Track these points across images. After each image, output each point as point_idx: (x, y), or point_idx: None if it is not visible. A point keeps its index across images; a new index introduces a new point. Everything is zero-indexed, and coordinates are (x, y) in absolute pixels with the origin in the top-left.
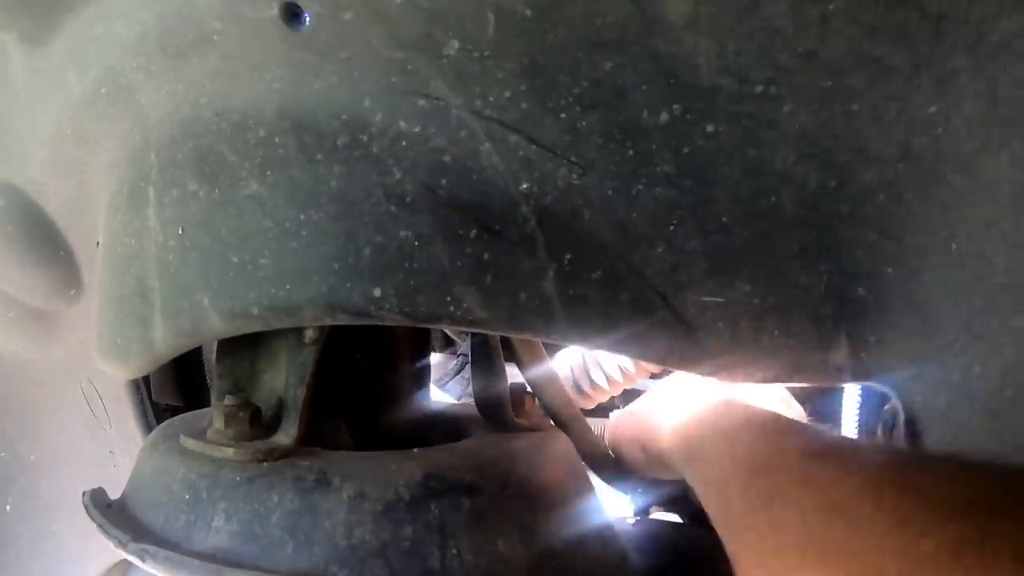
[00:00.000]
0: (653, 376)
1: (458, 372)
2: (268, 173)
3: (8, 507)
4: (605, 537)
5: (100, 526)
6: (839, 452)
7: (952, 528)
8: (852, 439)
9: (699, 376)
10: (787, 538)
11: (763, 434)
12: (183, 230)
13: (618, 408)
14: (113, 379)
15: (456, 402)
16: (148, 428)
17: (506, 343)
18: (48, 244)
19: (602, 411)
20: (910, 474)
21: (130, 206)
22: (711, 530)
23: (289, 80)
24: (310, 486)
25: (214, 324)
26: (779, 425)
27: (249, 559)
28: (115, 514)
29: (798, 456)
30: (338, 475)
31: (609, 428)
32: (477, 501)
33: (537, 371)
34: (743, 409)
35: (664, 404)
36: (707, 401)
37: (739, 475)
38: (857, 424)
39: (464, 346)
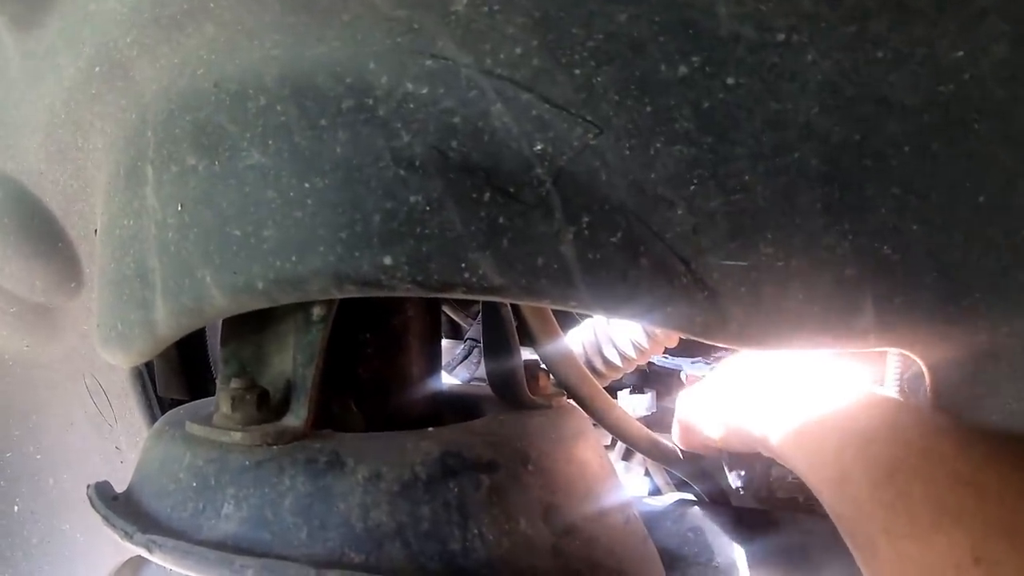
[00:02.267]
0: (667, 352)
1: (466, 357)
2: (270, 142)
3: (16, 507)
4: (627, 514)
5: (105, 518)
6: (956, 428)
7: None
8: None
9: (722, 344)
10: (917, 505)
11: (881, 411)
12: (182, 206)
13: (629, 386)
14: (117, 374)
15: (469, 383)
16: (152, 421)
17: (518, 319)
18: (47, 236)
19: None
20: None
21: (128, 187)
22: (728, 508)
23: (289, 45)
24: (322, 468)
25: (217, 301)
26: (895, 403)
27: (261, 546)
28: (121, 506)
29: (917, 432)
30: (351, 456)
31: (685, 409)
32: (496, 479)
33: (551, 347)
34: (855, 389)
35: (757, 387)
36: (809, 383)
37: (858, 451)
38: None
39: (471, 331)
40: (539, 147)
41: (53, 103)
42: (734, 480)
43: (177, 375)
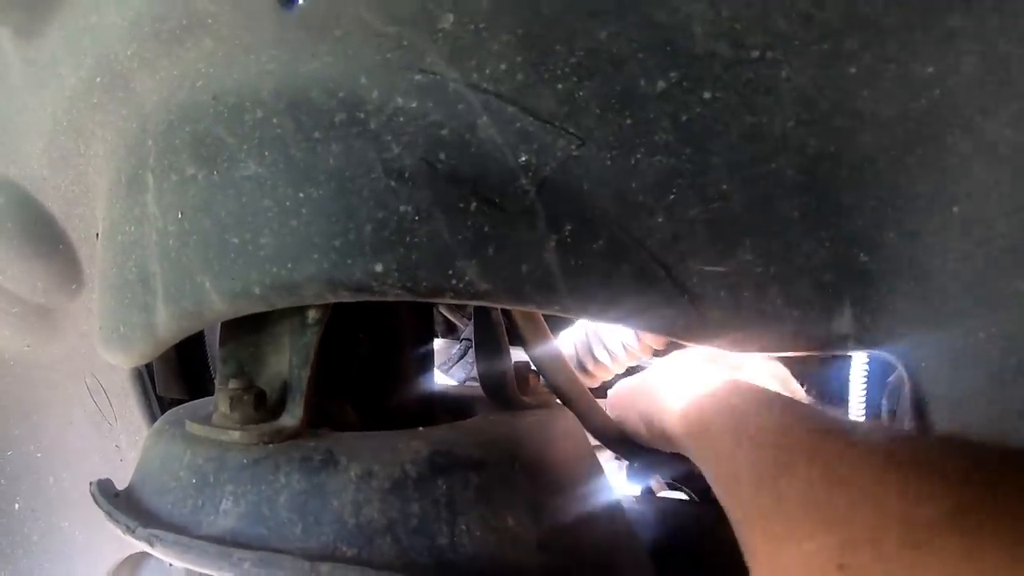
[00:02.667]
0: (656, 353)
1: (461, 357)
2: (266, 153)
3: (17, 505)
4: (613, 514)
5: (108, 514)
6: (842, 429)
7: (950, 497)
8: (855, 419)
9: (702, 347)
10: (793, 508)
11: (770, 412)
12: (182, 214)
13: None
14: (118, 374)
15: (463, 383)
16: (152, 420)
17: (509, 321)
18: (48, 239)
19: (604, 390)
20: (911, 449)
21: (129, 194)
22: (717, 508)
23: (284, 61)
24: (317, 466)
25: (216, 306)
26: (785, 404)
27: (258, 541)
28: (122, 502)
29: (804, 432)
30: (344, 454)
31: (611, 400)
32: (485, 477)
33: (541, 349)
34: (751, 388)
35: (668, 379)
36: (713, 380)
37: (747, 451)
38: (864, 401)
39: (467, 331)
40: (524, 158)
41: (55, 111)
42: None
43: (176, 375)
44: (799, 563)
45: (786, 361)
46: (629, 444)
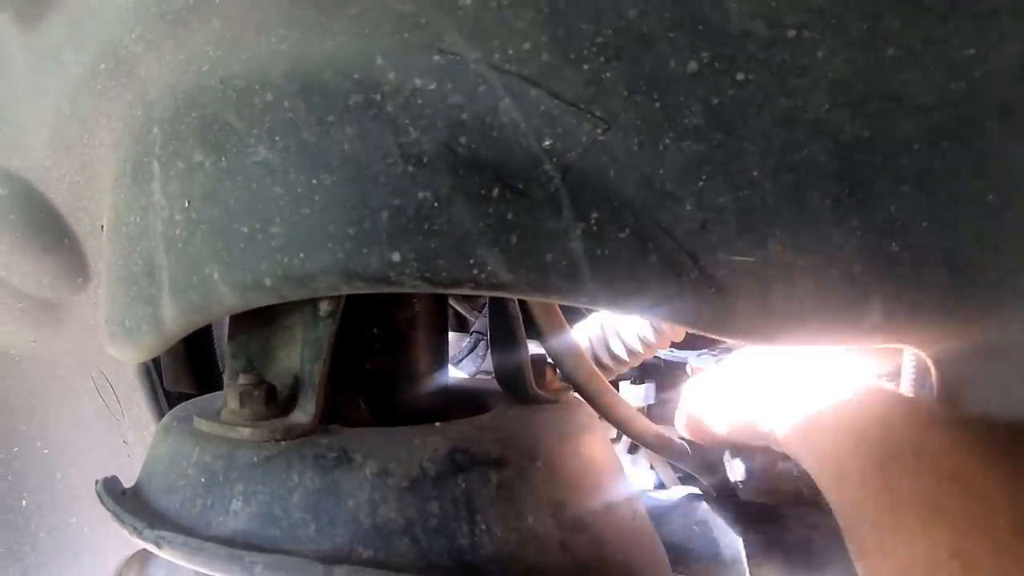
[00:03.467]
0: (673, 345)
1: (472, 350)
2: (277, 138)
3: (23, 501)
4: (634, 510)
5: (114, 514)
6: (950, 424)
7: None
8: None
9: (729, 339)
10: (903, 499)
11: (871, 406)
12: (189, 203)
13: (630, 378)
14: (124, 368)
15: (475, 377)
16: (160, 416)
17: (524, 313)
18: (52, 232)
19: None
20: (1006, 439)
21: (134, 183)
22: (733, 502)
23: (296, 40)
24: (331, 464)
25: (225, 298)
26: (885, 396)
27: (270, 542)
28: (129, 501)
29: (911, 426)
30: (360, 452)
31: (692, 396)
32: (505, 475)
33: (559, 341)
34: (851, 383)
35: (761, 380)
36: (812, 378)
37: (851, 446)
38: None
39: (478, 324)
40: (548, 143)
41: (58, 99)
42: (736, 472)
43: (184, 369)
44: (911, 552)
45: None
46: (661, 438)
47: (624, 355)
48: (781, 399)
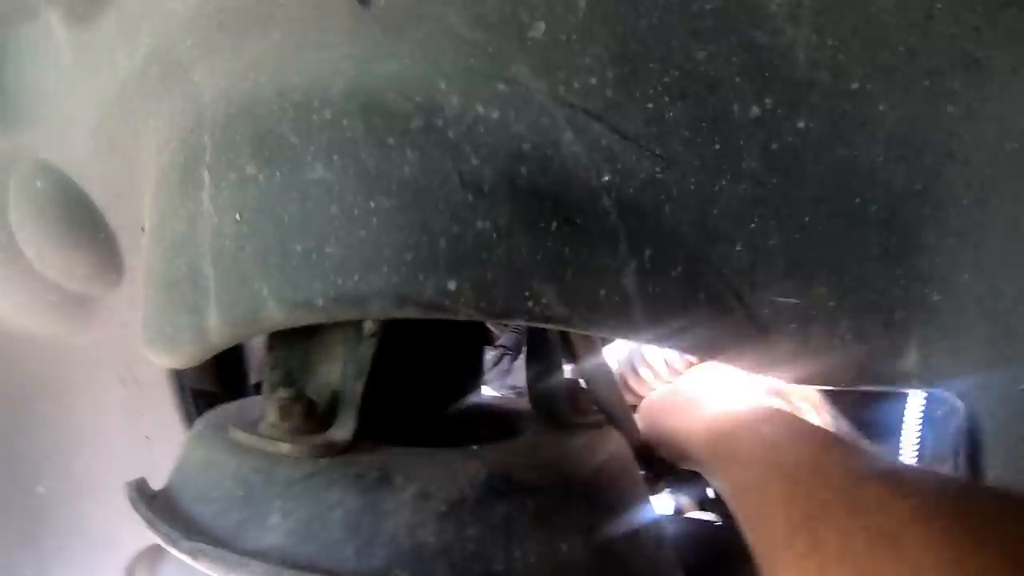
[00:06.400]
0: None
1: (497, 363)
2: (335, 157)
3: (41, 488)
4: (658, 536)
5: (148, 522)
6: (887, 475)
7: (1000, 564)
8: (899, 462)
9: (761, 375)
10: (829, 558)
11: (809, 447)
12: (240, 216)
13: None
14: (151, 365)
15: (503, 395)
16: (185, 414)
17: (563, 336)
18: (88, 227)
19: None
20: (961, 503)
21: (181, 189)
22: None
23: (358, 58)
24: (372, 484)
25: (273, 315)
26: (826, 439)
27: (308, 559)
28: (160, 507)
29: (844, 475)
30: (400, 473)
31: (641, 412)
32: (541, 501)
33: (593, 366)
34: (786, 417)
35: (696, 395)
36: (744, 401)
37: (780, 487)
38: (919, 436)
39: (503, 338)
40: (607, 178)
41: (105, 97)
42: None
43: (209, 367)
44: None
45: (836, 394)
46: (661, 462)
47: (650, 378)
48: (703, 417)
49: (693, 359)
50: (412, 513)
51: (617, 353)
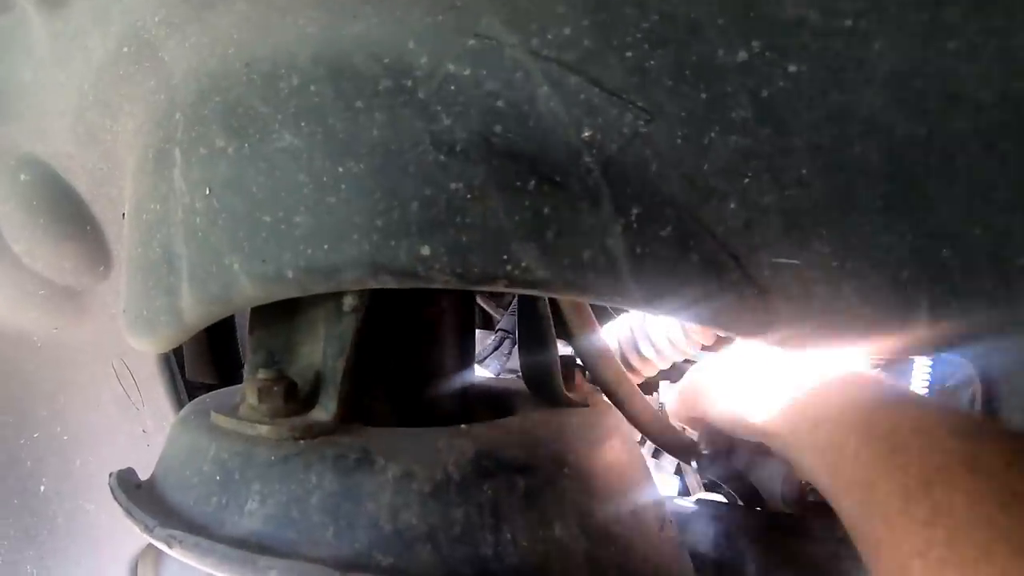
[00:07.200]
0: (704, 348)
1: (496, 348)
2: (303, 124)
3: (42, 487)
4: (662, 519)
5: (126, 510)
6: (996, 433)
7: None
8: (990, 417)
9: (769, 344)
10: (959, 526)
11: (903, 407)
12: (211, 190)
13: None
14: (145, 357)
15: (500, 376)
16: (181, 407)
17: (554, 312)
18: (75, 218)
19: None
20: None
21: (156, 170)
22: (759, 512)
23: (324, 23)
24: (352, 465)
25: (245, 290)
26: (918, 399)
27: (286, 545)
28: (142, 496)
29: (950, 436)
30: (382, 453)
31: (683, 395)
32: (531, 482)
33: (589, 343)
34: (873, 380)
35: (753, 372)
36: (822, 371)
37: (879, 452)
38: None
39: (503, 321)
40: (587, 134)
41: (82, 85)
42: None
43: (206, 359)
44: None
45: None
46: (685, 445)
47: (654, 357)
48: (786, 394)
49: (697, 335)
50: (394, 495)
51: (618, 332)
